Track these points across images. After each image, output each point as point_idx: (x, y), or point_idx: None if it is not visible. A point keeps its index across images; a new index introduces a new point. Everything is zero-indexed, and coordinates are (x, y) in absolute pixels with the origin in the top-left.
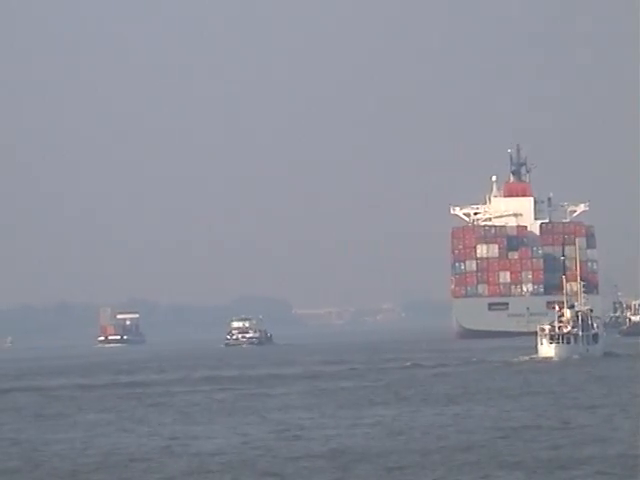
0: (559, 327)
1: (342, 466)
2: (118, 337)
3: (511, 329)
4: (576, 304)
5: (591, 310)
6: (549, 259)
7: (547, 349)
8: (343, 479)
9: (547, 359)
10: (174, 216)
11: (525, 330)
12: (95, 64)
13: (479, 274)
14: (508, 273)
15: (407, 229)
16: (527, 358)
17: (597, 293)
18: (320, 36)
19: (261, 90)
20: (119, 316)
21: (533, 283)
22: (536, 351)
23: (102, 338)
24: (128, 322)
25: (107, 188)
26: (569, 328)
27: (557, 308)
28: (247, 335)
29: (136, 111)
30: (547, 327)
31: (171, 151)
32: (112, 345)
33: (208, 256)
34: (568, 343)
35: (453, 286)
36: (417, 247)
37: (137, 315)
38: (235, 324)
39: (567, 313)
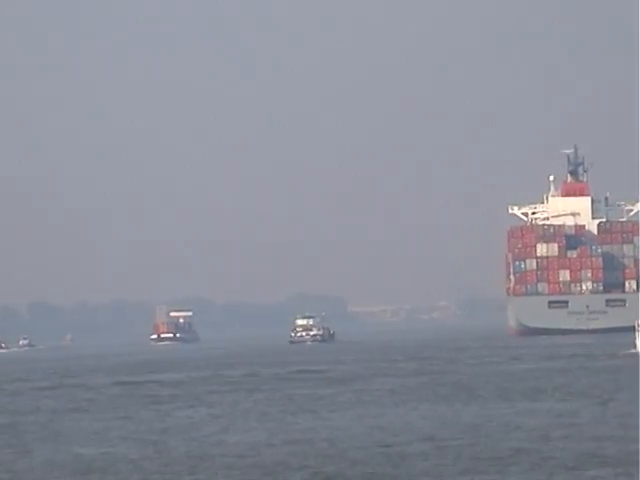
0: None
1: None
2: (170, 335)
3: (571, 327)
4: None
5: None
6: (607, 258)
7: None
8: None
9: None
10: (230, 215)
11: (584, 328)
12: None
13: (539, 272)
14: (567, 271)
15: (462, 227)
16: (630, 352)
17: None
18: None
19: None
20: (172, 314)
21: (592, 281)
22: (634, 345)
23: (155, 336)
24: (181, 320)
25: (161, 187)
26: None
27: None
28: (311, 332)
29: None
30: None
31: (222, 150)
32: (165, 343)
33: (263, 254)
34: None
35: (512, 284)
36: (472, 245)
37: (190, 313)
38: (299, 321)
39: None
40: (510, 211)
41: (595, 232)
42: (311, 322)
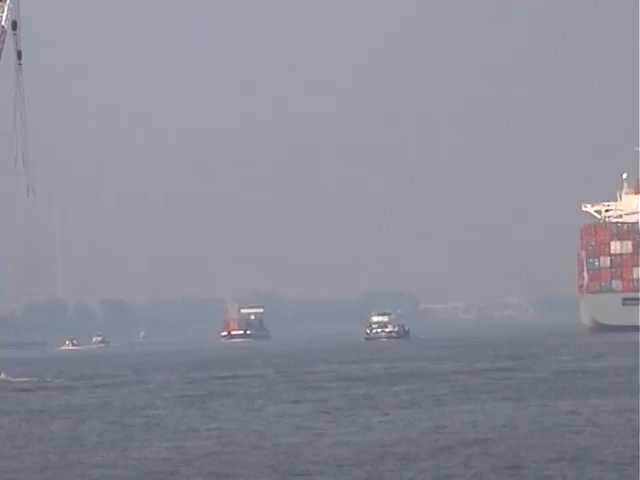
0: None
1: None
2: (241, 332)
3: None
4: None
5: None
6: None
7: None
8: None
9: None
10: (301, 213)
11: None
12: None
13: (613, 270)
14: None
15: (534, 225)
16: None
17: None
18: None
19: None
20: (243, 311)
21: None
22: None
23: (225, 333)
24: (252, 317)
25: (238, 189)
26: None
27: None
28: (386, 329)
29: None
30: None
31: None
32: (235, 340)
33: (336, 251)
34: None
35: (586, 282)
36: (543, 242)
37: (261, 310)
38: (375, 318)
39: None
40: (583, 208)
41: None
42: (387, 319)
